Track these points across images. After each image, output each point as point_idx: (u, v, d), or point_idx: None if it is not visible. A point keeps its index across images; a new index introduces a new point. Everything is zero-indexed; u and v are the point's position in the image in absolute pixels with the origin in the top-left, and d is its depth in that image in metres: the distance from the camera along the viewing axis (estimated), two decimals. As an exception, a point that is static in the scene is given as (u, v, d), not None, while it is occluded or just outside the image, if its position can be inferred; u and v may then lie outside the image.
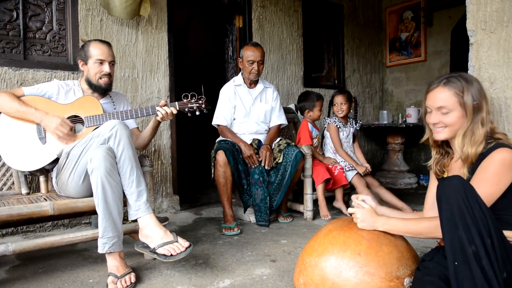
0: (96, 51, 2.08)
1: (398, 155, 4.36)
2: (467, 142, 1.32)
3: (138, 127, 2.33)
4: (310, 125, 3.17)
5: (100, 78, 2.09)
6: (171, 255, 1.69)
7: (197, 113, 2.15)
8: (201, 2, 3.83)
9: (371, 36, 4.84)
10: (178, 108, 2.11)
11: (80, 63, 2.13)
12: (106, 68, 2.09)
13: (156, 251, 1.72)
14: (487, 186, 1.23)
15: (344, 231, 1.48)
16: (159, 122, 2.14)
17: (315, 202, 2.96)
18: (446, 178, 1.19)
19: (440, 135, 1.40)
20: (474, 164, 1.33)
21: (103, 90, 2.15)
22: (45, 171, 2.09)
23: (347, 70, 4.59)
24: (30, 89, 2.06)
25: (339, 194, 3.06)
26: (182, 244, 1.73)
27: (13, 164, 1.96)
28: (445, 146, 1.49)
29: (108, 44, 2.15)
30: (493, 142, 1.31)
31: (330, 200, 3.13)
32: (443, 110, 1.35)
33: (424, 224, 1.34)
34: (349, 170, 3.07)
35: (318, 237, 1.54)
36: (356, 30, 4.66)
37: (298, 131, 3.22)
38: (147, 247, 1.77)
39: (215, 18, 5.28)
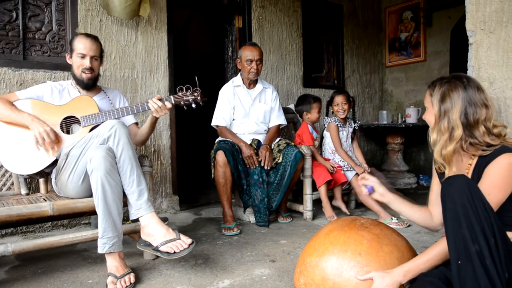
0: (79, 45, 2.07)
1: (398, 155, 4.35)
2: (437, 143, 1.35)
3: (137, 123, 2.32)
4: (310, 127, 3.17)
5: (83, 72, 2.09)
6: (174, 252, 1.69)
7: (193, 105, 2.11)
8: (200, 2, 3.83)
9: (370, 36, 4.84)
10: (173, 102, 2.08)
11: (67, 56, 2.14)
12: (86, 62, 2.07)
13: (159, 249, 1.72)
14: (496, 192, 1.21)
15: (345, 231, 1.47)
16: (156, 118, 2.12)
17: (315, 202, 2.96)
18: (450, 177, 1.17)
19: None
20: (477, 166, 1.31)
21: (85, 85, 2.13)
22: (45, 174, 2.08)
23: (347, 70, 4.59)
24: (24, 93, 2.06)
25: (338, 192, 3.05)
26: (184, 241, 1.73)
27: (12, 167, 1.95)
28: None
29: (93, 38, 2.11)
30: (497, 144, 1.27)
31: (329, 199, 3.12)
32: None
33: (444, 243, 1.22)
34: (348, 170, 3.07)
35: (319, 237, 1.54)
36: (356, 30, 4.66)
37: (298, 133, 3.21)
38: (149, 245, 1.77)
39: (214, 18, 5.28)
